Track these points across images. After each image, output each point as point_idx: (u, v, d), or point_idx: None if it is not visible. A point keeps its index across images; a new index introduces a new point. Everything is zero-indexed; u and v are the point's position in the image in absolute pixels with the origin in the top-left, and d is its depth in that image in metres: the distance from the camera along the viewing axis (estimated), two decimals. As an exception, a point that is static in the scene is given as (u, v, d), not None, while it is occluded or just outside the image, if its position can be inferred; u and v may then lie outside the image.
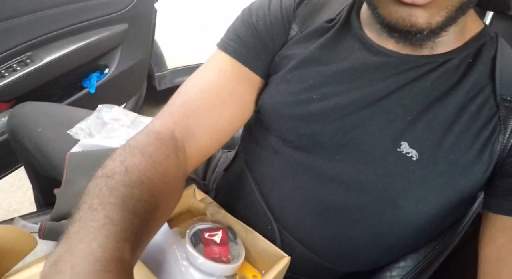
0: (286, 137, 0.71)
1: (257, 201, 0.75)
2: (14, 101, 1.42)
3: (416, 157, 0.60)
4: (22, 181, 2.09)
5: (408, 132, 0.61)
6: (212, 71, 0.72)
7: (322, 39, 0.69)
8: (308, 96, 0.68)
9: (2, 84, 1.35)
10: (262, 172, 0.76)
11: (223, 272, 0.68)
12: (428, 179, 0.60)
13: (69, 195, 0.73)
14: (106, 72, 1.74)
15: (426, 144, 0.60)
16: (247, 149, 0.82)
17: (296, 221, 0.71)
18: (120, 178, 0.46)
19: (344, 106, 0.65)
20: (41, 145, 1.02)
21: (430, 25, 0.53)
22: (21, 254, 0.63)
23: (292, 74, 0.70)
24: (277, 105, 0.70)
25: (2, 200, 2.04)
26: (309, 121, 0.67)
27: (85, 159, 0.79)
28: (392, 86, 0.63)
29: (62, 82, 1.59)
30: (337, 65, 0.67)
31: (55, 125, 1.05)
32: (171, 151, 0.58)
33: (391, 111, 0.62)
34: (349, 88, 0.65)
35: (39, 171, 1.12)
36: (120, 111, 1.00)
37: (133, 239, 0.41)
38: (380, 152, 0.62)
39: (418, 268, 0.70)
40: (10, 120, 1.13)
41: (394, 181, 0.62)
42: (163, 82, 2.40)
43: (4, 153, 1.44)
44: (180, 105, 0.67)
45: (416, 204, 0.61)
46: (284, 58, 0.73)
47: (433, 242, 0.70)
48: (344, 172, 0.65)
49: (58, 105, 1.19)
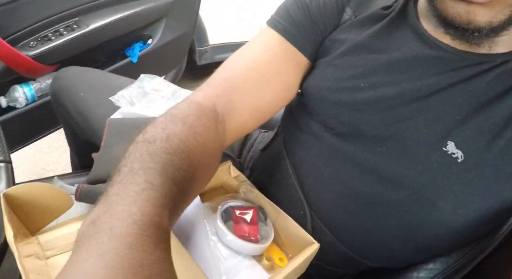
0: (328, 123, 0.69)
1: (292, 185, 0.74)
2: (58, 65, 1.44)
3: (462, 159, 0.57)
4: (60, 143, 2.14)
5: (456, 132, 0.59)
6: (259, 48, 0.71)
7: (376, 27, 0.67)
8: (356, 84, 0.66)
9: (49, 47, 1.38)
10: (301, 155, 0.74)
11: (250, 251, 0.67)
12: (471, 183, 0.58)
13: (106, 160, 0.73)
14: (149, 43, 1.75)
15: (474, 147, 0.57)
16: (287, 131, 0.80)
17: (329, 209, 0.70)
18: (161, 145, 0.46)
19: (391, 97, 0.63)
20: (82, 109, 1.03)
21: (490, 24, 0.51)
22: (56, 212, 0.65)
23: (341, 60, 0.69)
24: (322, 90, 0.69)
25: (40, 159, 2.10)
26: (354, 109, 0.66)
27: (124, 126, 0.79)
28: (444, 83, 0.60)
29: (105, 49, 1.61)
30: (389, 55, 0.65)
31: (97, 91, 1.06)
32: (211, 123, 0.57)
33: (440, 108, 0.60)
34: (399, 79, 0.63)
35: (77, 134, 1.14)
36: (161, 82, 1.01)
37: (171, 206, 0.41)
38: (424, 149, 0.60)
39: (446, 272, 0.67)
40: (53, 83, 1.15)
41: (436, 180, 0.59)
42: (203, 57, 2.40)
43: (45, 114, 1.48)
44: (224, 80, 0.66)
45: (455, 207, 0.59)
46: (334, 42, 0.71)
47: (466, 248, 0.67)
48: (384, 165, 0.63)
49: (100, 72, 1.20)
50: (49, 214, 0.64)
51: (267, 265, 0.68)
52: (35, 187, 0.61)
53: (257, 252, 0.68)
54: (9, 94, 1.41)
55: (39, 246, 0.60)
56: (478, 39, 0.55)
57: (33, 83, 1.45)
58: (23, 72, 1.37)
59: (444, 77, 0.60)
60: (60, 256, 0.60)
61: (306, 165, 0.73)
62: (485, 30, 0.52)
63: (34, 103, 1.46)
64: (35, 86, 1.44)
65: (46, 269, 0.57)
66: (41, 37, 1.41)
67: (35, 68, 1.37)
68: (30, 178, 2.00)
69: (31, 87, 1.43)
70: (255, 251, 0.68)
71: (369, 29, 0.68)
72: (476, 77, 0.59)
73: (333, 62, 0.69)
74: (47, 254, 0.60)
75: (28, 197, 0.61)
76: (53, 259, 0.60)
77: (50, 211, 0.64)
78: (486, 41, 0.56)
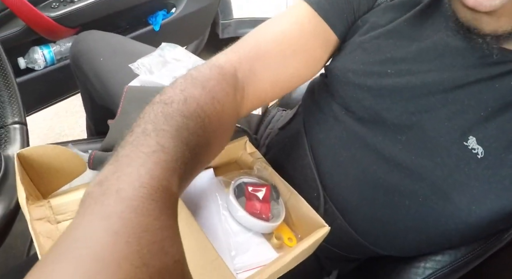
0: (350, 107, 0.68)
1: (308, 165, 0.74)
2: (80, 28, 1.44)
3: (481, 155, 0.56)
4: (77, 108, 2.15)
5: (479, 128, 0.57)
6: (289, 20, 0.69)
7: (410, 13, 0.66)
8: (382, 70, 0.65)
9: (70, 9, 1.37)
10: (319, 137, 0.74)
11: (261, 229, 0.67)
12: (488, 181, 0.57)
13: (122, 127, 0.72)
14: (172, 12, 1.73)
15: (495, 145, 0.56)
16: (307, 111, 0.79)
17: (343, 192, 0.70)
18: (178, 107, 0.44)
19: (417, 86, 0.62)
20: (101, 74, 1.03)
21: (495, 33, 0.52)
22: (70, 176, 0.65)
23: (370, 44, 0.67)
24: (348, 73, 0.68)
25: (56, 124, 2.11)
26: (377, 95, 0.65)
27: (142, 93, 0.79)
28: (472, 77, 0.59)
29: (128, 15, 1.60)
30: (419, 43, 0.64)
31: (117, 56, 1.05)
32: (231, 89, 0.56)
33: (465, 102, 0.59)
34: (427, 69, 0.62)
35: (95, 99, 1.14)
36: (182, 52, 0.99)
37: (182, 171, 0.39)
38: (445, 141, 0.59)
39: (453, 265, 0.67)
40: (73, 46, 1.14)
41: (453, 174, 0.58)
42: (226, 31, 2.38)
43: (64, 78, 1.48)
44: (249, 47, 0.65)
45: (470, 203, 0.58)
46: (366, 23, 0.70)
47: (475, 243, 0.66)
48: (403, 153, 0.62)
49: (121, 37, 1.19)
50: (63, 177, 0.64)
51: (276, 244, 0.67)
52: (49, 149, 0.61)
53: (267, 230, 0.68)
54: (28, 56, 1.40)
55: (50, 210, 0.59)
56: (483, 45, 0.55)
57: (53, 46, 1.44)
58: (43, 34, 1.37)
59: (472, 72, 0.59)
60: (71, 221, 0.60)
61: (324, 146, 0.72)
62: (489, 37, 0.53)
63: (53, 66, 1.46)
64: (54, 48, 1.44)
65: (57, 233, 0.57)
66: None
67: (56, 30, 1.37)
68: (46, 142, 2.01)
69: (50, 50, 1.43)
70: (265, 229, 0.67)
71: (403, 15, 0.67)
72: (505, 75, 0.57)
73: (363, 45, 0.68)
74: (58, 218, 0.59)
75: (42, 158, 0.60)
76: (63, 223, 0.59)
77: (63, 174, 0.63)
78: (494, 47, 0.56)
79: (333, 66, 0.71)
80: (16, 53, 1.39)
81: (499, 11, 0.49)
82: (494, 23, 0.51)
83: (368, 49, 0.67)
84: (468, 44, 0.59)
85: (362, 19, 0.71)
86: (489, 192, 0.57)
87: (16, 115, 0.83)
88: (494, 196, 0.57)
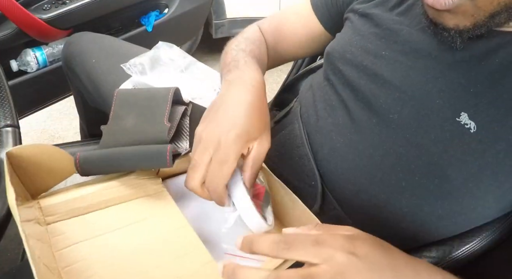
0: (346, 88, 0.73)
1: (305, 155, 0.75)
2: (72, 30, 1.43)
3: (474, 130, 0.58)
4: (70, 110, 2.14)
5: (470, 104, 0.59)
6: (293, 10, 0.93)
7: (403, 6, 0.73)
8: (377, 50, 0.71)
9: (62, 11, 1.36)
10: (316, 125, 0.76)
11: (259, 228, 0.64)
12: (483, 155, 0.58)
13: (115, 132, 0.72)
14: (165, 12, 1.73)
15: (487, 119, 0.58)
16: (304, 102, 0.83)
17: (340, 180, 0.71)
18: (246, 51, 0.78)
19: (408, 66, 0.66)
20: (93, 76, 1.02)
21: (457, 27, 0.57)
22: (60, 176, 0.64)
23: (367, 33, 0.74)
24: (346, 54, 0.75)
25: (49, 126, 2.10)
26: (372, 74, 0.69)
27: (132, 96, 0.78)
28: (458, 56, 0.62)
29: (120, 16, 1.60)
30: (409, 28, 0.69)
31: (109, 58, 1.04)
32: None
33: (454, 80, 0.61)
34: (417, 50, 0.66)
35: (87, 101, 1.13)
36: (178, 52, 0.98)
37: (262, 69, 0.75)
38: (438, 119, 0.61)
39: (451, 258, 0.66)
40: (65, 48, 1.13)
41: (448, 149, 0.60)
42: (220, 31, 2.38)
43: (57, 80, 1.47)
44: (270, 23, 0.93)
45: (466, 179, 0.59)
46: (362, 16, 0.78)
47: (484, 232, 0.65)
48: (397, 132, 0.64)
49: (114, 39, 1.18)
50: (53, 177, 0.63)
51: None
52: (40, 148, 0.60)
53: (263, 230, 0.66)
54: (21, 58, 1.40)
55: (39, 211, 0.58)
56: (448, 39, 0.60)
57: (45, 48, 1.43)
58: (35, 36, 1.36)
59: (459, 52, 0.62)
60: (61, 223, 0.59)
61: (321, 134, 0.74)
62: (453, 31, 0.58)
63: (46, 68, 1.45)
64: (47, 50, 1.43)
65: (46, 235, 0.56)
66: (55, 0, 1.39)
67: (48, 32, 1.36)
68: (39, 144, 2.00)
69: (43, 52, 1.42)
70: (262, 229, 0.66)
71: (397, 8, 0.73)
72: (491, 53, 0.60)
73: (361, 33, 0.76)
74: (47, 220, 0.58)
75: (33, 158, 0.59)
76: (53, 225, 0.58)
77: (53, 174, 0.63)
78: (460, 41, 0.60)
79: (331, 48, 0.80)
80: (8, 55, 1.38)
81: (455, 9, 0.55)
82: (454, 19, 0.57)
83: (365, 37, 0.74)
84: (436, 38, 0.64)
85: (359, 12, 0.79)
86: (485, 167, 0.58)
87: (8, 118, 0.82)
88: (490, 171, 0.58)
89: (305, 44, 0.93)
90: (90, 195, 0.63)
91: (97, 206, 0.63)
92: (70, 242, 0.57)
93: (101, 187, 0.64)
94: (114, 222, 0.61)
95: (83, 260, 0.55)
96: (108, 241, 0.59)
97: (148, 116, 0.73)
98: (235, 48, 0.79)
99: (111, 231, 0.60)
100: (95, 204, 0.62)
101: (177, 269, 0.57)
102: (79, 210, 0.61)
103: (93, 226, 0.60)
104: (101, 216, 0.62)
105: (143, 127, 0.72)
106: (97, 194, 0.63)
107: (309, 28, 0.90)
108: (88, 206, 0.62)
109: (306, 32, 0.91)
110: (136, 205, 0.65)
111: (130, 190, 0.66)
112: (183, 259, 0.59)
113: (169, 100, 0.75)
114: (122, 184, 0.66)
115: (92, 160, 0.64)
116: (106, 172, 0.66)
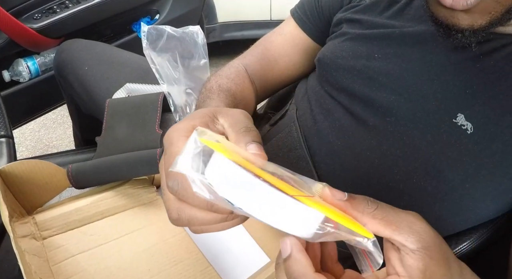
0: (340, 93, 0.72)
1: (303, 157, 0.74)
2: (63, 39, 1.42)
3: (471, 131, 0.58)
4: (64, 118, 2.13)
5: (466, 105, 0.59)
6: (277, 32, 0.90)
7: (394, 9, 0.72)
8: (370, 54, 0.70)
9: (53, 20, 1.36)
10: (313, 128, 0.75)
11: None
12: (480, 155, 0.58)
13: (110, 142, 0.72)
14: (156, 18, 1.73)
15: (483, 120, 0.58)
16: (300, 104, 0.82)
17: (338, 182, 0.70)
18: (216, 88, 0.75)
19: (403, 68, 0.65)
20: (86, 83, 1.02)
21: (472, 27, 0.55)
22: (54, 190, 0.64)
23: (358, 37, 0.73)
24: (338, 59, 0.74)
25: (44, 135, 2.09)
26: (366, 77, 0.69)
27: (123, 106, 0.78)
28: (453, 58, 0.62)
29: (112, 24, 1.59)
30: (401, 29, 0.68)
31: (102, 65, 1.04)
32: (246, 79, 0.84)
33: (450, 82, 0.61)
34: (410, 52, 0.66)
35: (80, 108, 1.12)
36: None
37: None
38: (434, 120, 0.61)
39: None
40: (57, 56, 1.12)
41: (445, 150, 0.60)
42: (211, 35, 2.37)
43: (49, 89, 1.46)
44: (253, 54, 0.89)
45: (463, 180, 0.59)
46: (350, 22, 0.77)
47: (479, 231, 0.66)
48: (394, 135, 0.64)
49: (106, 46, 1.17)
50: (47, 192, 0.63)
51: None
52: (32, 164, 0.59)
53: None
54: (13, 68, 1.39)
55: (35, 226, 0.58)
56: (462, 40, 0.57)
57: (37, 57, 1.43)
58: (26, 46, 1.35)
59: (453, 54, 0.62)
60: (57, 237, 0.59)
61: (319, 138, 0.74)
62: (467, 32, 0.55)
63: (38, 77, 1.45)
64: (39, 60, 1.42)
65: (43, 250, 0.56)
66: (45, 9, 1.39)
67: (39, 41, 1.35)
68: (34, 154, 1.99)
69: (35, 61, 1.41)
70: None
71: (386, 11, 0.73)
72: (485, 55, 0.60)
73: (351, 37, 0.75)
74: (43, 235, 0.58)
75: (26, 174, 0.59)
76: (50, 239, 0.58)
77: (47, 189, 0.63)
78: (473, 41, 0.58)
79: (322, 55, 0.78)
80: (0, 66, 1.37)
81: (472, 8, 0.53)
82: (469, 19, 0.54)
83: (357, 41, 0.73)
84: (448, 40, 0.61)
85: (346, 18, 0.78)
86: (482, 167, 0.58)
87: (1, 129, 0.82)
88: (487, 171, 0.58)
89: (299, 62, 0.89)
90: (85, 207, 0.62)
91: (92, 217, 0.62)
92: (68, 255, 0.57)
93: (96, 199, 0.64)
94: (110, 233, 0.61)
95: (81, 272, 0.55)
96: (105, 252, 0.58)
97: (139, 124, 0.73)
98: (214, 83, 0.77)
99: (107, 242, 0.60)
100: (90, 216, 0.62)
101: (175, 276, 0.57)
102: (75, 222, 0.61)
103: (89, 238, 0.60)
104: (97, 228, 0.62)
105: (134, 136, 0.72)
106: (92, 205, 0.63)
107: (300, 45, 0.87)
108: (83, 218, 0.62)
109: (298, 50, 0.88)
110: (132, 214, 0.65)
111: (125, 200, 0.65)
112: (180, 266, 0.59)
113: (159, 107, 0.75)
114: (117, 194, 0.65)
115: (84, 171, 0.64)
116: (99, 182, 0.66)
